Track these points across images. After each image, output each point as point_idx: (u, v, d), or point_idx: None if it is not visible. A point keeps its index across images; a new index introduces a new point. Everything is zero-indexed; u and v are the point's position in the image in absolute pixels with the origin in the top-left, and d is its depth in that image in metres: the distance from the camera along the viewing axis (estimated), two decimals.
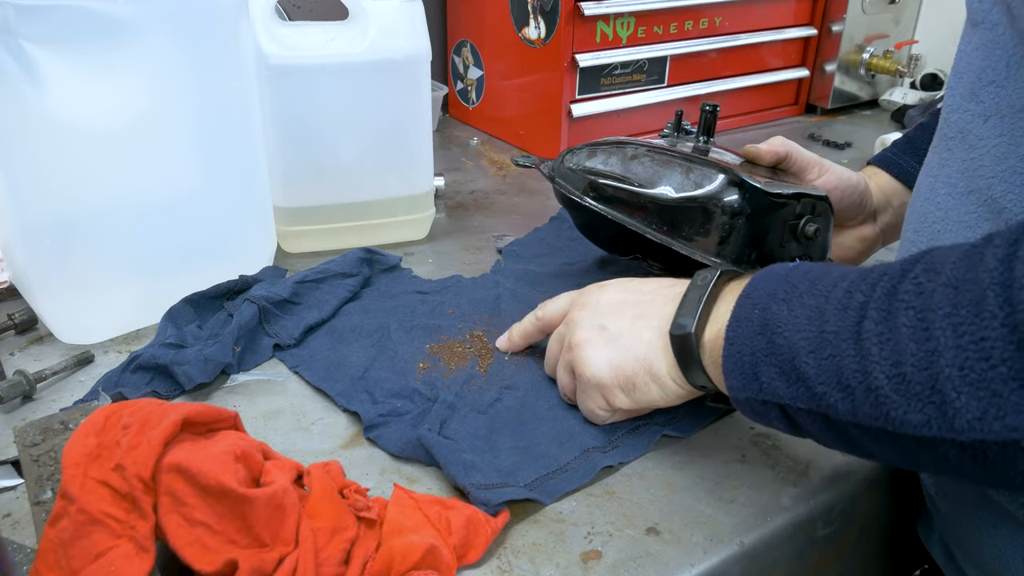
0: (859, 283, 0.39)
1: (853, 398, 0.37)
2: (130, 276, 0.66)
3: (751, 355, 0.43)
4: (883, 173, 0.74)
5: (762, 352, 0.42)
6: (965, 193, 0.48)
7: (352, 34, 0.75)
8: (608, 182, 0.66)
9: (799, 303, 0.41)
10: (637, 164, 0.65)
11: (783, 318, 0.41)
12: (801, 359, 0.40)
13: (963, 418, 0.33)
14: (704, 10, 1.11)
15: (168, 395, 0.58)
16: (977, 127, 0.47)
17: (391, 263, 0.77)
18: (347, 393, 0.59)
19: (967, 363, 0.33)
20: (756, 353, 0.42)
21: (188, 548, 0.39)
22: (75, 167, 0.60)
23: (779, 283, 0.43)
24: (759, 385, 0.42)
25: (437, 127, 1.18)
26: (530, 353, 0.63)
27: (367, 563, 0.43)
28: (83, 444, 0.41)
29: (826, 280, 0.41)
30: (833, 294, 0.40)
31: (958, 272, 0.35)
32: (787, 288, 0.43)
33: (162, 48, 0.60)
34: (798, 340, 0.40)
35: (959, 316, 0.34)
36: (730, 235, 0.60)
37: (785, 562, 0.51)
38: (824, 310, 0.39)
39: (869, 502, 0.56)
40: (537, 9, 1.02)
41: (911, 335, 0.35)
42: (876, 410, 0.36)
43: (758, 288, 0.44)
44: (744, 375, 0.43)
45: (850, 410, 0.38)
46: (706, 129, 0.70)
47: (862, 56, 1.26)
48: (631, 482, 0.52)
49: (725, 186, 0.60)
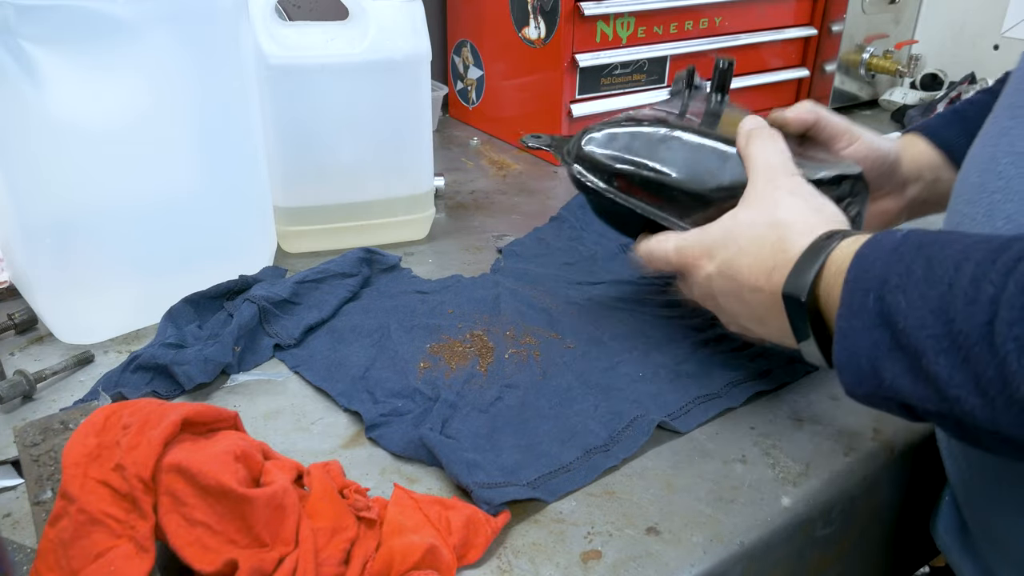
0: (987, 268, 0.34)
1: (993, 407, 0.34)
2: (130, 276, 0.66)
3: (870, 349, 0.38)
4: (923, 142, 0.68)
5: (884, 346, 0.38)
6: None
7: (352, 34, 0.75)
8: (632, 169, 0.60)
9: (918, 293, 0.37)
10: (665, 149, 0.60)
11: (902, 310, 0.37)
12: (930, 359, 0.36)
13: None
14: (704, 10, 1.11)
15: (168, 395, 0.58)
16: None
17: (391, 263, 0.77)
18: (348, 393, 0.59)
19: None
20: (877, 346, 0.38)
21: (188, 548, 0.39)
22: (75, 167, 0.60)
23: (891, 265, 0.39)
24: (879, 382, 0.39)
25: (437, 127, 1.18)
26: (530, 352, 0.63)
27: (367, 563, 0.43)
28: (83, 444, 0.41)
29: (945, 261, 0.36)
30: (957, 283, 0.35)
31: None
32: (901, 272, 0.38)
33: (162, 48, 0.60)
34: (924, 338, 0.36)
35: None
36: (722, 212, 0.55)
37: (785, 562, 0.51)
38: (949, 304, 0.35)
39: (869, 502, 0.56)
40: (537, 9, 1.02)
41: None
42: (1019, 419, 0.33)
43: (867, 270, 0.40)
44: (861, 371, 0.39)
45: (989, 418, 0.34)
46: (720, 86, 0.65)
47: (862, 56, 1.26)
48: (631, 482, 0.52)
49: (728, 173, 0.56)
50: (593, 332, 0.66)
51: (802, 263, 0.45)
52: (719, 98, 0.65)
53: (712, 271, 0.53)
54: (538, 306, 0.70)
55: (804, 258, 0.46)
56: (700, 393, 0.59)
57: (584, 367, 0.62)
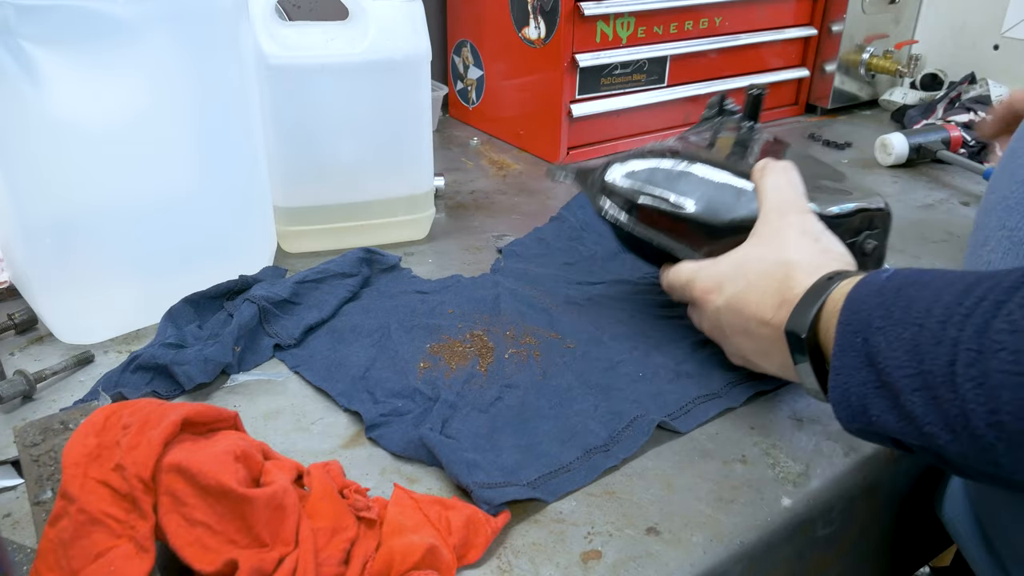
0: (953, 310, 0.36)
1: (961, 443, 0.35)
2: (130, 276, 0.66)
3: (859, 387, 0.41)
4: None
5: (871, 385, 0.40)
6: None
7: (352, 34, 0.75)
8: (652, 203, 0.62)
9: (895, 334, 0.39)
10: (684, 183, 0.62)
11: (883, 351, 0.39)
12: (906, 397, 0.38)
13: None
14: (704, 10, 1.11)
15: (168, 395, 0.58)
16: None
17: (391, 263, 0.77)
18: (348, 393, 0.59)
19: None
20: (865, 386, 0.40)
21: (188, 548, 0.39)
22: (75, 167, 0.60)
23: (874, 308, 0.41)
24: (868, 419, 0.41)
25: (437, 127, 1.18)
26: (530, 352, 0.63)
27: (367, 563, 0.43)
28: (83, 444, 0.41)
29: (919, 303, 0.39)
30: (927, 324, 0.37)
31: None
32: (882, 315, 0.40)
33: (162, 48, 0.60)
34: (900, 378, 0.38)
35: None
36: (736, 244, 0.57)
37: (785, 562, 0.51)
38: (920, 344, 0.37)
39: (869, 502, 0.56)
40: (537, 9, 1.02)
41: (1005, 381, 0.33)
42: (984, 456, 0.35)
43: (855, 311, 0.42)
44: (852, 408, 0.42)
45: (960, 453, 0.36)
46: (752, 113, 0.66)
47: (862, 56, 1.26)
48: (631, 482, 0.52)
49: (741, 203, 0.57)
50: (593, 332, 0.66)
51: (804, 302, 0.48)
52: (750, 125, 0.66)
53: (721, 304, 0.55)
54: (538, 306, 0.70)
55: (807, 297, 0.48)
56: (700, 393, 0.59)
57: (584, 367, 0.62)
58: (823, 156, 1.13)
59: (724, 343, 0.58)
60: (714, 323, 0.57)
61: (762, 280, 0.52)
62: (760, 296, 0.52)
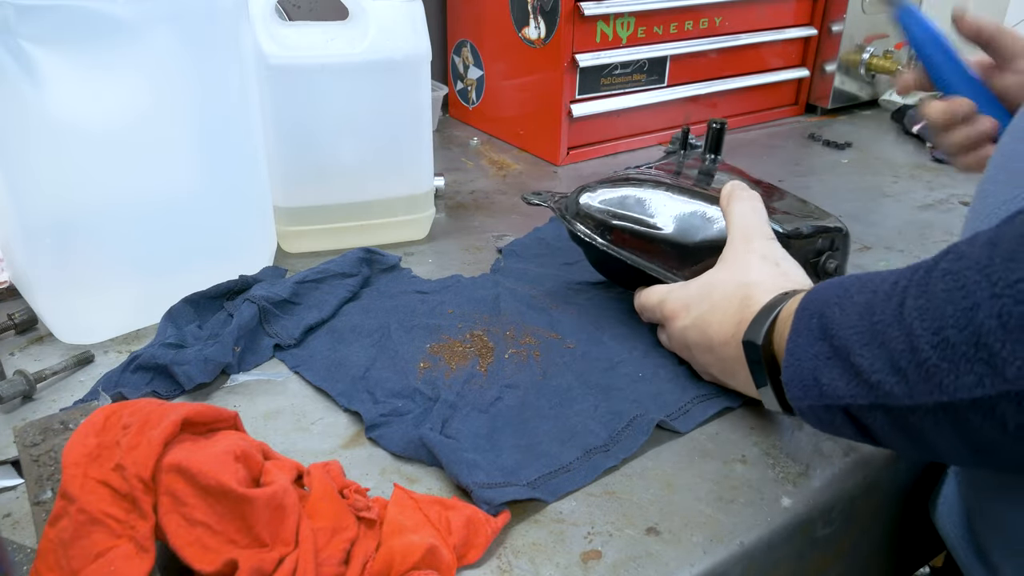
0: (905, 271, 0.40)
1: (907, 379, 0.38)
2: (130, 276, 0.66)
3: (811, 360, 0.43)
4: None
5: (823, 356, 0.43)
6: None
7: (352, 34, 0.75)
8: (625, 224, 0.65)
9: (850, 303, 0.42)
10: (657, 206, 0.65)
11: (836, 319, 0.42)
12: (855, 354, 0.40)
13: (1012, 367, 0.33)
14: (704, 10, 1.11)
15: (168, 395, 0.58)
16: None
17: (391, 263, 0.77)
18: (348, 393, 0.59)
19: (1004, 309, 0.33)
20: (817, 358, 0.43)
21: (188, 548, 0.39)
22: (75, 167, 0.60)
23: (834, 290, 0.44)
24: (820, 389, 0.43)
25: (437, 127, 1.18)
26: (530, 353, 0.63)
27: (367, 563, 0.43)
28: (83, 444, 0.41)
29: (876, 278, 0.42)
30: (881, 288, 0.40)
31: (996, 232, 0.35)
32: (840, 292, 0.43)
33: (162, 48, 0.60)
34: (851, 336, 0.41)
35: (993, 266, 0.34)
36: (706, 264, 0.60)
37: (785, 562, 0.51)
38: (872, 304, 0.40)
39: (869, 502, 0.56)
40: (537, 9, 1.02)
41: (948, 297, 0.35)
42: (929, 383, 0.36)
43: (814, 299, 0.45)
44: (804, 382, 0.44)
45: (906, 392, 0.38)
46: (714, 146, 0.69)
47: (862, 56, 1.26)
48: (631, 482, 0.52)
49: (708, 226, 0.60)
50: (593, 332, 0.66)
51: (760, 314, 0.51)
52: (712, 157, 0.69)
53: (687, 324, 0.58)
54: (538, 306, 0.70)
55: (763, 310, 0.51)
56: (700, 393, 0.59)
57: (584, 367, 0.62)
58: (823, 156, 1.13)
59: (692, 361, 0.60)
60: (681, 342, 0.60)
61: (724, 301, 0.55)
62: (722, 316, 0.55)
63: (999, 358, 0.33)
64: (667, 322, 0.61)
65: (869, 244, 0.86)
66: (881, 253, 0.84)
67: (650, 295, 0.63)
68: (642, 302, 0.64)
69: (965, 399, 0.35)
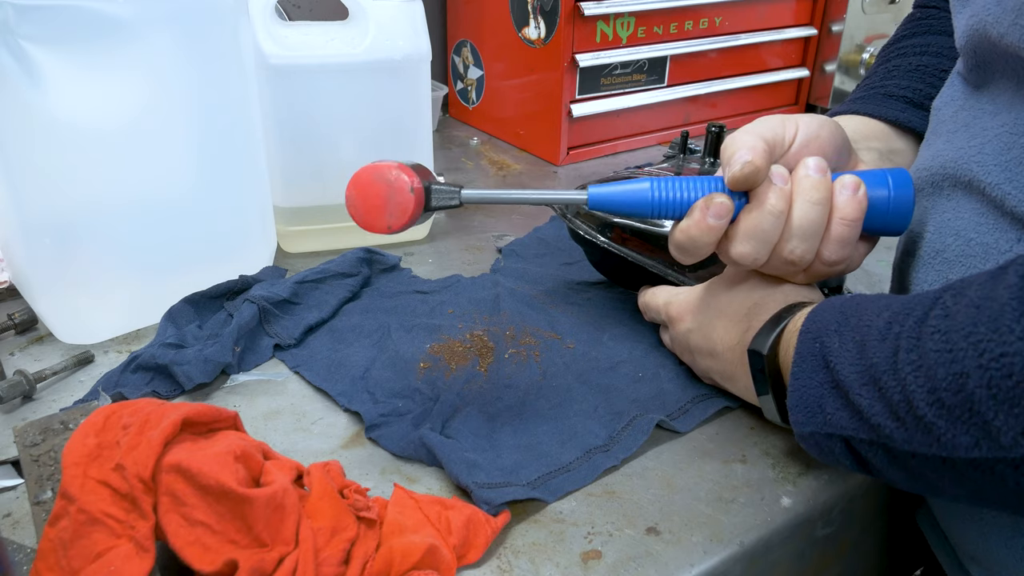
0: (898, 313, 0.39)
1: (905, 427, 0.37)
2: (130, 276, 0.66)
3: (816, 388, 0.43)
4: (856, 118, 0.61)
5: (827, 385, 0.42)
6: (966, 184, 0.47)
7: (352, 34, 0.75)
8: (626, 222, 0.64)
9: (849, 336, 0.41)
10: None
11: (835, 350, 0.42)
12: (855, 392, 0.40)
13: (1007, 436, 0.33)
14: (704, 10, 1.11)
15: (168, 395, 0.58)
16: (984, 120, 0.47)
17: (391, 263, 0.77)
18: (348, 393, 0.59)
19: (993, 381, 0.33)
20: (822, 386, 0.43)
21: (188, 548, 0.39)
22: (75, 167, 0.60)
23: (833, 315, 0.44)
24: (824, 418, 0.42)
25: (437, 127, 1.18)
26: (530, 353, 0.63)
27: (367, 563, 0.43)
28: (83, 444, 0.41)
29: (871, 310, 0.41)
30: (875, 325, 0.40)
31: (981, 292, 0.35)
32: (839, 320, 0.43)
33: (162, 48, 0.60)
34: (851, 374, 0.40)
35: (979, 334, 0.33)
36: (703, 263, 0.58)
37: (785, 562, 0.51)
38: (867, 343, 0.40)
39: (869, 502, 0.56)
40: (537, 9, 1.02)
41: (939, 359, 0.35)
42: (927, 437, 0.36)
43: (816, 321, 0.44)
44: (809, 408, 0.43)
45: (905, 439, 0.38)
46: (713, 150, 0.68)
47: (862, 56, 1.26)
48: (631, 482, 0.52)
49: None
50: (593, 332, 0.66)
51: (768, 324, 0.50)
52: (711, 161, 0.68)
53: (692, 327, 0.58)
54: (538, 306, 0.70)
55: (771, 320, 0.50)
56: (700, 393, 0.59)
57: (584, 367, 0.62)
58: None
59: (692, 364, 0.60)
60: (684, 345, 0.59)
61: (730, 309, 0.55)
62: (728, 323, 0.54)
63: (993, 427, 0.33)
64: (671, 324, 0.61)
65: None
66: (881, 253, 0.83)
67: (656, 295, 0.63)
68: (646, 301, 0.64)
69: (963, 457, 0.35)
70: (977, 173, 0.45)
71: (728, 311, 0.55)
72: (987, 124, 0.46)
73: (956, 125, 0.49)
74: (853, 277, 0.77)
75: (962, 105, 0.49)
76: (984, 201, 0.45)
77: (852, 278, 0.77)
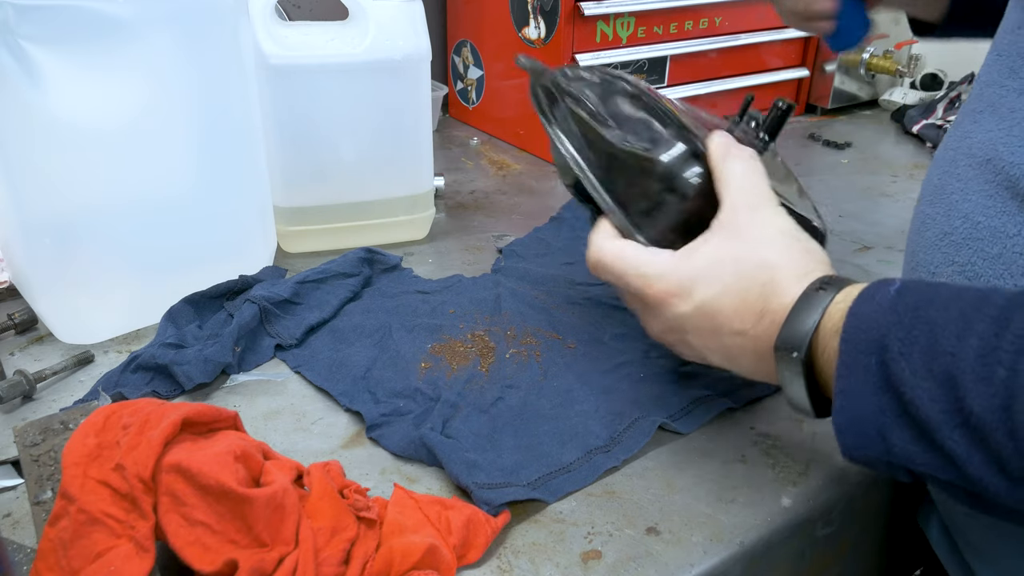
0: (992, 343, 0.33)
1: (1013, 482, 0.33)
2: (130, 276, 0.66)
3: (876, 414, 0.37)
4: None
5: (891, 413, 0.36)
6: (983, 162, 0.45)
7: (352, 34, 0.75)
8: (577, 109, 0.55)
9: (922, 362, 0.35)
10: (614, 103, 0.55)
11: (907, 380, 0.36)
12: (944, 434, 0.34)
13: None
14: (704, 10, 1.11)
15: (168, 395, 0.58)
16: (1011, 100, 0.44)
17: (392, 263, 0.77)
18: (349, 393, 0.59)
19: None
20: (883, 413, 0.37)
21: (188, 548, 0.39)
22: (75, 167, 0.60)
23: (889, 328, 0.37)
24: (887, 447, 0.37)
25: (437, 127, 1.18)
26: (531, 353, 0.63)
27: (367, 563, 0.43)
28: (83, 444, 0.41)
29: (947, 330, 0.35)
30: (963, 355, 0.34)
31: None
32: (902, 337, 0.36)
33: (162, 48, 0.60)
34: (936, 412, 0.35)
35: None
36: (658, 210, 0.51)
37: (785, 562, 0.51)
38: (956, 378, 0.34)
39: (869, 502, 0.56)
40: (537, 9, 1.02)
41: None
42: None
43: (864, 330, 0.38)
44: (866, 436, 0.38)
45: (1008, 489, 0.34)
46: (772, 128, 0.58)
47: (862, 56, 1.26)
48: (631, 482, 0.52)
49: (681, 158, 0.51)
50: (594, 332, 0.66)
51: (797, 315, 0.42)
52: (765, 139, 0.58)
53: (688, 311, 0.47)
54: (539, 306, 0.70)
55: (799, 309, 0.43)
56: (701, 394, 0.59)
57: (585, 367, 0.62)
58: (823, 156, 1.13)
59: (679, 344, 0.50)
60: (673, 327, 0.49)
61: (740, 283, 0.45)
62: (738, 302, 0.45)
63: None
64: (657, 304, 0.48)
65: (870, 244, 0.85)
66: (882, 253, 0.83)
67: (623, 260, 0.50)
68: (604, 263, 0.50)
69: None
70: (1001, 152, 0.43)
71: (736, 287, 0.45)
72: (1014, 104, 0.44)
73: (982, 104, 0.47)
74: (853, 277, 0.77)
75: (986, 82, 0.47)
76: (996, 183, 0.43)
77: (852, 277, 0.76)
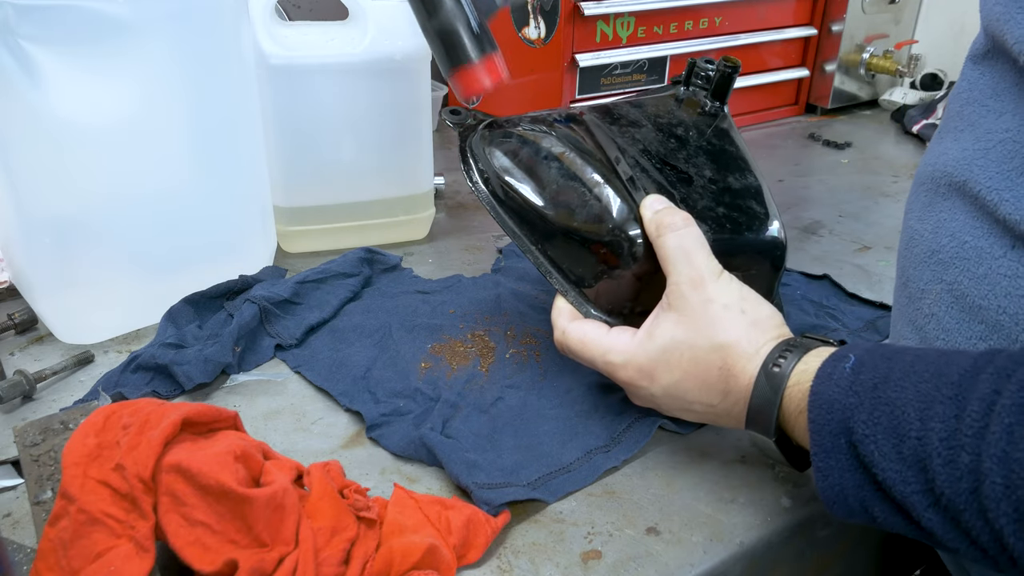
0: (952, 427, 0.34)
1: (996, 560, 0.34)
2: (130, 276, 0.66)
3: (856, 489, 0.39)
4: None
5: (868, 488, 0.38)
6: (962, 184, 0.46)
7: (352, 34, 0.75)
8: (507, 180, 0.54)
9: (890, 446, 0.37)
10: (545, 167, 0.53)
11: (877, 462, 0.37)
12: (920, 514, 0.36)
13: None
14: (704, 10, 1.11)
15: (168, 395, 0.58)
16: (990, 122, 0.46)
17: (392, 263, 0.77)
18: (349, 393, 0.59)
19: None
20: (861, 488, 0.38)
21: (188, 548, 0.39)
22: (75, 167, 0.60)
23: (851, 409, 0.39)
24: (871, 517, 0.39)
25: (437, 127, 1.18)
26: (531, 353, 0.63)
27: (367, 563, 0.43)
28: (83, 444, 0.41)
29: (907, 412, 0.36)
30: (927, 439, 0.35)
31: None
32: (865, 420, 0.38)
33: (162, 48, 0.60)
34: (909, 494, 0.36)
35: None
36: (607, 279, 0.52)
37: (785, 562, 0.51)
38: (923, 460, 0.35)
39: None
40: (537, 9, 1.02)
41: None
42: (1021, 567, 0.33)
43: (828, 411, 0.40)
44: (851, 508, 0.39)
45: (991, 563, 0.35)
46: (719, 91, 0.55)
47: (862, 56, 1.26)
48: (631, 482, 0.52)
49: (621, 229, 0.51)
50: None
51: (757, 405, 0.45)
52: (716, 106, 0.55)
53: (656, 392, 0.50)
54: (539, 306, 0.70)
55: (757, 396, 0.45)
56: None
57: (585, 367, 0.61)
58: (823, 156, 1.13)
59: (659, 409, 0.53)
60: (647, 400, 0.52)
61: (697, 368, 0.48)
62: (700, 385, 0.48)
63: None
64: (628, 387, 0.52)
65: (869, 244, 0.85)
66: (881, 253, 0.83)
67: (587, 347, 0.53)
68: (571, 347, 0.54)
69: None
70: (977, 176, 0.44)
71: (695, 372, 0.48)
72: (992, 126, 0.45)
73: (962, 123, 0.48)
74: (853, 276, 0.77)
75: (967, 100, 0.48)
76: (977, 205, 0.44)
77: (852, 277, 0.77)
